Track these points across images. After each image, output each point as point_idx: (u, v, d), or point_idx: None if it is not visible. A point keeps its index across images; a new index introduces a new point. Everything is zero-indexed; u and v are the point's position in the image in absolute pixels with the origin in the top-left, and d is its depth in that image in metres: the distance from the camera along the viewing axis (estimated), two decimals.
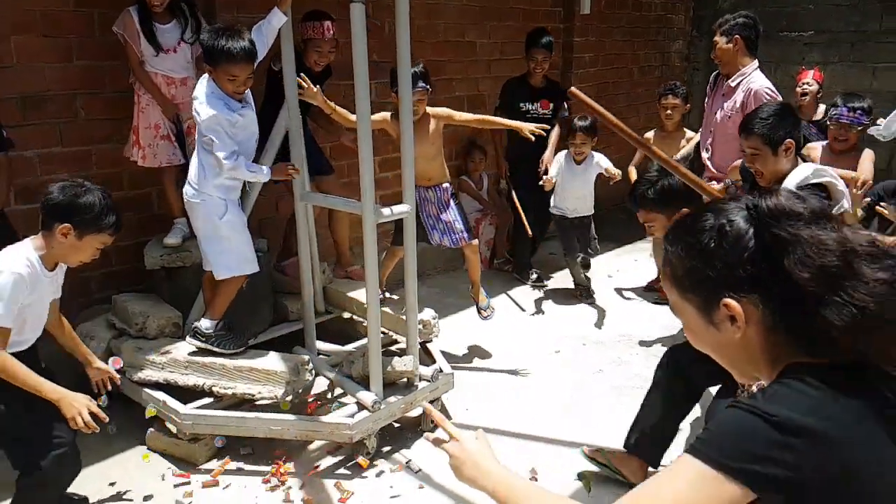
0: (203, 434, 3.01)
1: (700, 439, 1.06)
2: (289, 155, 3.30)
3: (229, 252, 3.08)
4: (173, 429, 3.08)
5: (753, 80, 3.82)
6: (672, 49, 8.01)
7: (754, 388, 1.31)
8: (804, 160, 2.96)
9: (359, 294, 3.94)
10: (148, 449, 3.11)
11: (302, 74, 3.19)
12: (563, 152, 4.79)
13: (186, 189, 3.09)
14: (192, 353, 3.13)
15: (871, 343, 1.02)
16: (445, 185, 3.79)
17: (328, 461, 3.06)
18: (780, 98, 3.69)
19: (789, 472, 0.97)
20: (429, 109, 3.64)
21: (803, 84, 4.84)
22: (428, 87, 3.54)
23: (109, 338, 3.35)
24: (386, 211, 2.93)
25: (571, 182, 4.79)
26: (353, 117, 3.12)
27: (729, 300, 1.09)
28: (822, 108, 4.85)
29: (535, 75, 4.75)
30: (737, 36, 3.81)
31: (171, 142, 3.55)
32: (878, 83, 6.87)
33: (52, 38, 3.48)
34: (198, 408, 3.04)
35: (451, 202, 3.77)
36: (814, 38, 7.20)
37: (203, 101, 2.89)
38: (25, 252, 2.24)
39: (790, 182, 2.69)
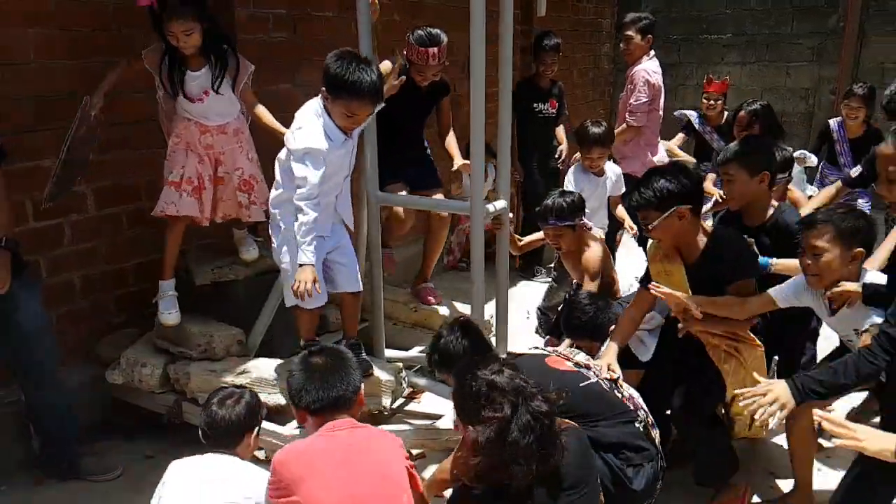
0: None
1: None
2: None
3: (289, 280, 2.71)
4: (261, 455, 2.84)
5: (641, 65, 4.39)
6: (601, 52, 8.39)
7: None
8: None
9: (402, 298, 3.82)
10: None
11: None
12: (572, 168, 4.25)
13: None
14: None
15: None
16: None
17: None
18: (653, 78, 4.32)
19: None
20: (590, 254, 3.40)
21: (708, 96, 5.06)
22: (566, 223, 3.31)
23: (164, 362, 3.03)
24: (490, 207, 2.87)
25: (589, 193, 3.98)
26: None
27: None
28: (726, 114, 5.05)
29: (544, 77, 4.85)
30: (649, 35, 4.36)
31: (197, 197, 3.05)
32: (791, 81, 7.58)
33: (68, 31, 3.10)
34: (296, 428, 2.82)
35: None
36: (732, 41, 7.82)
37: (302, 127, 2.55)
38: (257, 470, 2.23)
39: None
